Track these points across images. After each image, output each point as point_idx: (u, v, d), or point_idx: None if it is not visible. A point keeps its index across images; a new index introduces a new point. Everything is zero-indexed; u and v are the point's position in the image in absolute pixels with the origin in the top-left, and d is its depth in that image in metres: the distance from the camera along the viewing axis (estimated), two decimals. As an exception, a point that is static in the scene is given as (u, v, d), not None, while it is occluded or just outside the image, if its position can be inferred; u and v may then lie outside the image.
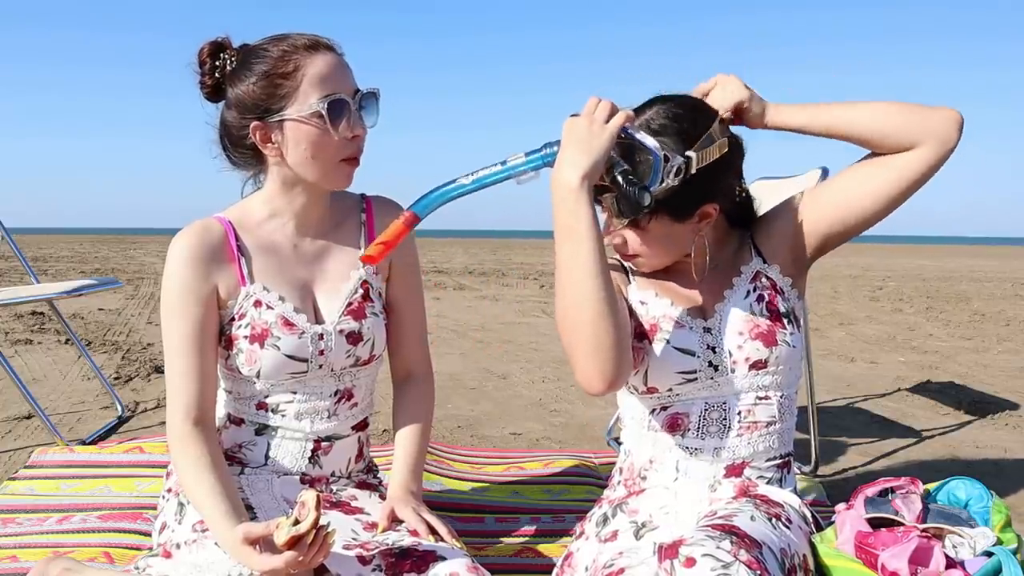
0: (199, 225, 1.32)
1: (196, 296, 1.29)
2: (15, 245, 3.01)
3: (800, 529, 1.18)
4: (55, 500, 1.97)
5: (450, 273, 11.73)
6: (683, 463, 1.29)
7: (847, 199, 1.26)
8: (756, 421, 1.27)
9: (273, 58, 1.26)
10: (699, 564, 0.94)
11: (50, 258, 14.11)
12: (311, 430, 1.38)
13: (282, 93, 1.25)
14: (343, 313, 1.37)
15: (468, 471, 2.26)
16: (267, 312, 1.32)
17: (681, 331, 1.27)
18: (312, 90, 1.24)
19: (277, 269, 1.35)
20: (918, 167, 1.20)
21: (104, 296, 7.10)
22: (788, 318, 1.29)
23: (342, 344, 1.36)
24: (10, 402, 3.04)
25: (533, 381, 3.79)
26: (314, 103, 1.24)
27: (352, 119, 1.27)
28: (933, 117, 1.19)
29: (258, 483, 1.34)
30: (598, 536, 1.27)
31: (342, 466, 1.43)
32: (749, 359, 1.25)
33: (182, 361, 1.28)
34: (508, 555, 1.70)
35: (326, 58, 1.26)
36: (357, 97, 1.28)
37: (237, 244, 1.33)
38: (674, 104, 1.21)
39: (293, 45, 1.26)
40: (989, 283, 11.21)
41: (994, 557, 1.04)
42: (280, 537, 1.05)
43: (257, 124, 1.27)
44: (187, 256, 1.29)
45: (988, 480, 1.30)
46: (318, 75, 1.25)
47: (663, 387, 1.27)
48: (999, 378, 4.03)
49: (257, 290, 1.33)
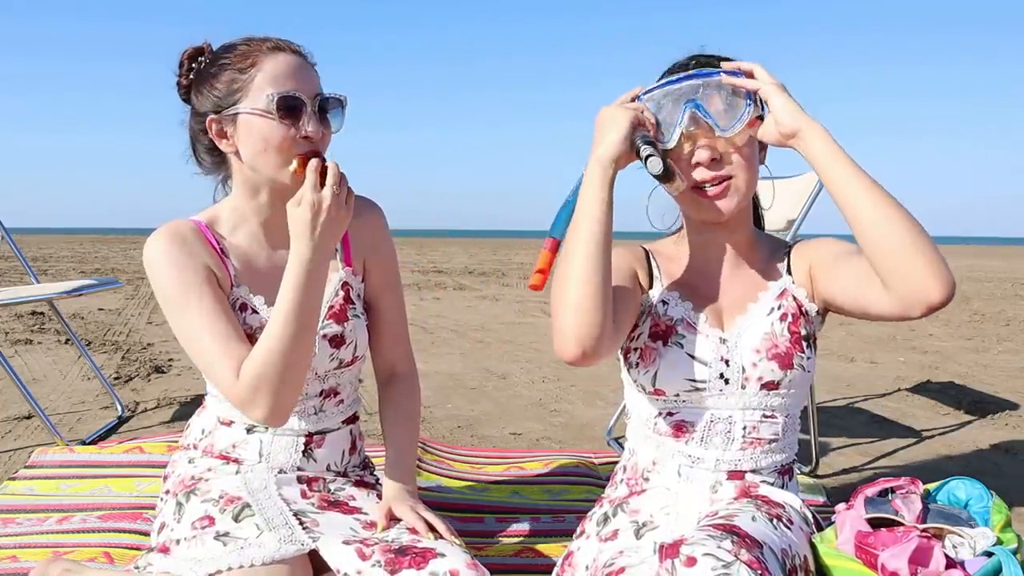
0: (169, 226, 1.30)
1: (198, 276, 1.26)
2: (15, 245, 3.01)
3: (801, 530, 1.18)
4: (55, 500, 1.97)
5: (450, 273, 11.73)
6: (685, 469, 1.28)
7: (842, 292, 1.21)
8: (760, 438, 1.27)
9: (234, 55, 1.27)
10: (700, 563, 0.94)
11: (50, 258, 14.11)
12: (300, 427, 1.39)
13: (236, 87, 1.26)
14: (325, 317, 1.37)
15: (468, 471, 2.26)
16: (252, 316, 1.32)
17: (697, 338, 1.26)
18: (266, 85, 1.25)
19: (257, 274, 1.35)
20: (877, 310, 1.13)
21: (104, 296, 7.10)
22: (808, 341, 1.27)
23: (325, 348, 1.36)
24: (10, 402, 3.04)
25: (533, 381, 3.79)
26: (264, 97, 1.24)
27: (306, 118, 1.26)
28: (919, 277, 1.05)
29: (255, 482, 1.34)
30: (598, 535, 1.27)
31: (336, 459, 1.43)
32: (762, 378, 1.24)
33: (217, 327, 1.23)
34: (508, 555, 1.70)
35: (287, 58, 1.27)
36: (316, 99, 1.28)
37: (219, 246, 1.33)
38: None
39: (257, 44, 1.28)
40: (989, 283, 11.20)
41: (994, 557, 1.04)
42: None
43: (213, 118, 1.28)
44: (174, 248, 1.27)
45: (988, 480, 1.30)
46: (273, 72, 1.26)
47: (670, 391, 1.27)
48: (999, 378, 4.03)
49: (243, 293, 1.33)
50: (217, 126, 1.29)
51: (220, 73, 1.28)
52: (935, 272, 1.04)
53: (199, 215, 1.36)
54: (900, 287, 1.06)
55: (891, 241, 1.06)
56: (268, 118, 1.25)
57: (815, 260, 1.28)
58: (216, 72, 1.28)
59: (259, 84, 1.25)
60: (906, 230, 1.05)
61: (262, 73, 1.25)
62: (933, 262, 1.05)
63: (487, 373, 3.98)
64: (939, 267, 1.05)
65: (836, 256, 1.25)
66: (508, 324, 5.98)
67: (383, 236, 1.48)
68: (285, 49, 1.28)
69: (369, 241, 1.46)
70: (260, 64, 1.26)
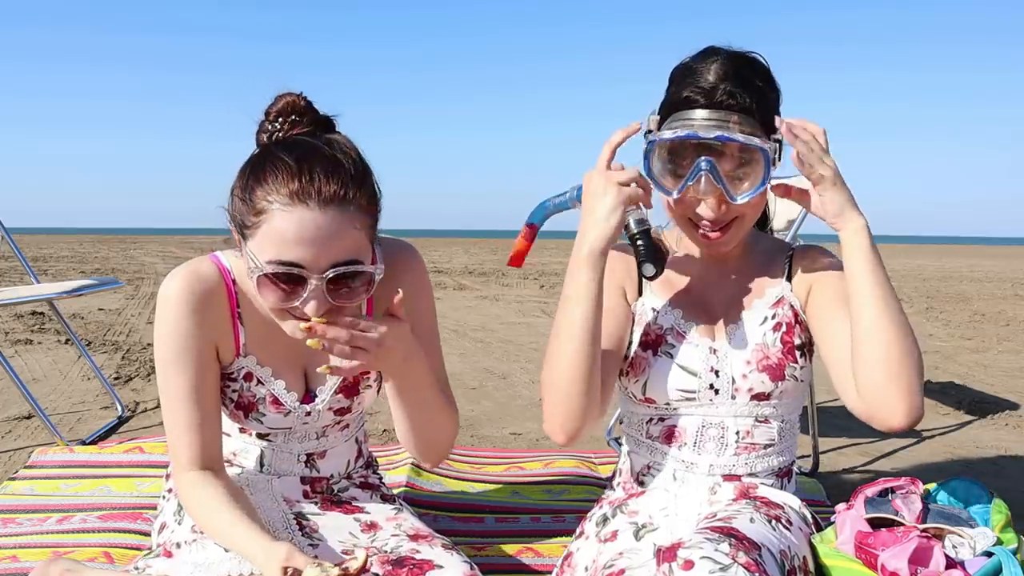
0: (198, 273, 1.20)
1: (197, 348, 1.19)
2: (15, 245, 3.01)
3: (800, 531, 1.18)
4: (55, 500, 1.97)
5: (450, 273, 11.72)
6: (680, 473, 1.28)
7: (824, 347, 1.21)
8: (754, 443, 1.25)
9: (260, 183, 1.08)
10: (697, 567, 0.93)
11: (50, 258, 14.10)
12: (302, 448, 1.36)
13: (249, 223, 1.09)
14: (335, 391, 1.31)
15: (468, 471, 2.26)
16: (257, 387, 1.27)
17: (687, 348, 1.24)
18: (268, 244, 1.06)
19: (273, 342, 1.25)
20: (843, 395, 1.18)
21: (104, 296, 7.09)
22: (802, 350, 1.25)
23: (329, 416, 1.33)
24: (10, 402, 3.04)
25: (533, 381, 3.79)
26: (263, 259, 1.07)
27: (307, 295, 1.07)
28: (891, 400, 1.09)
29: (258, 482, 1.34)
30: (598, 536, 1.27)
31: (341, 468, 1.41)
32: (752, 390, 1.23)
33: (185, 414, 1.19)
34: (508, 555, 1.70)
35: (302, 216, 1.05)
36: (326, 274, 1.06)
37: (238, 310, 1.24)
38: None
39: (281, 180, 1.06)
40: (989, 283, 11.20)
41: (994, 557, 1.04)
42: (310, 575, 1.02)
43: (234, 229, 1.15)
44: (185, 308, 1.18)
45: (988, 480, 1.30)
46: (280, 230, 1.05)
47: (660, 400, 1.26)
48: (999, 378, 4.03)
49: (250, 363, 1.26)
50: (238, 239, 1.14)
51: (242, 191, 1.10)
52: (906, 401, 1.08)
53: (234, 260, 1.24)
54: (870, 399, 1.11)
55: (878, 359, 1.09)
56: (266, 278, 1.08)
57: (816, 288, 1.25)
58: (246, 182, 1.10)
59: (264, 237, 1.06)
60: (896, 356, 1.08)
61: (268, 227, 1.06)
62: (909, 392, 1.08)
63: (487, 373, 3.98)
64: (912, 398, 1.09)
65: (836, 303, 1.20)
66: (508, 324, 5.98)
67: (416, 282, 1.31)
68: (307, 201, 1.05)
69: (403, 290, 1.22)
70: (270, 216, 1.06)
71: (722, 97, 1.13)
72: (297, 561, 1.04)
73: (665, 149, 1.17)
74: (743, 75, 1.14)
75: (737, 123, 1.12)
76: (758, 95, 1.14)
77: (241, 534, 1.11)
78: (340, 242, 1.07)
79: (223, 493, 1.17)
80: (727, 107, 1.13)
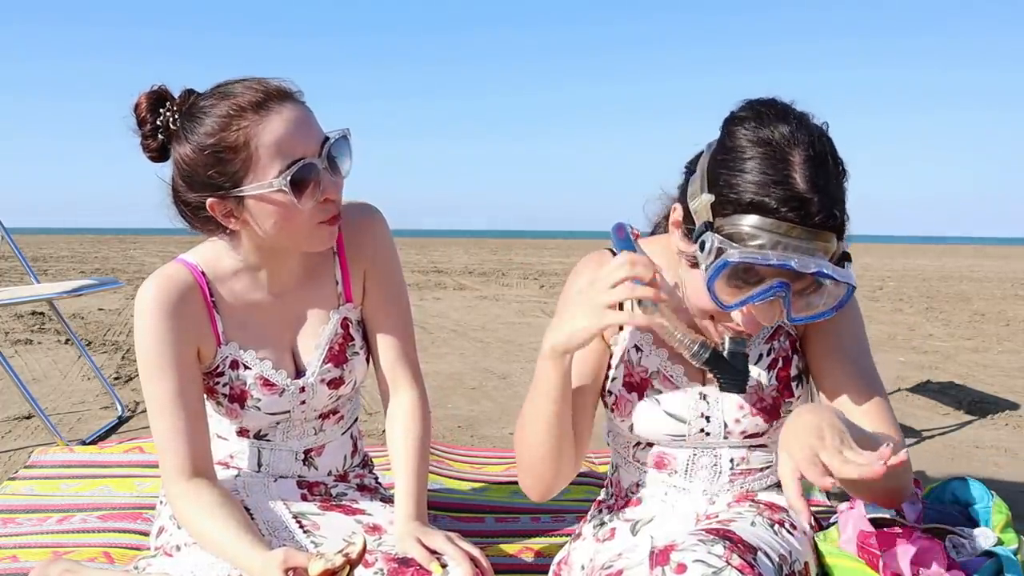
0: (169, 276, 1.21)
1: (176, 354, 1.19)
2: (15, 245, 3.01)
3: (804, 535, 1.15)
4: (55, 500, 1.97)
5: (450, 273, 11.72)
6: (672, 494, 1.23)
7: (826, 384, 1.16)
8: (750, 468, 1.22)
9: (218, 124, 1.10)
10: (690, 570, 0.92)
11: (50, 258, 14.11)
12: (300, 445, 1.37)
13: (235, 168, 1.11)
14: (324, 361, 1.31)
15: (468, 471, 2.26)
16: (245, 372, 1.27)
17: (674, 393, 1.17)
18: (270, 162, 1.10)
19: (253, 324, 1.28)
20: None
21: (104, 296, 7.09)
22: (798, 380, 1.18)
23: (324, 391, 1.33)
24: (10, 402, 3.04)
25: (533, 381, 3.79)
26: (275, 179, 1.10)
27: (322, 182, 1.13)
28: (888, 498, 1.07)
29: (254, 485, 1.34)
30: (595, 536, 1.26)
31: (338, 464, 1.42)
32: (745, 432, 1.17)
33: (170, 421, 1.19)
34: (508, 555, 1.70)
35: (280, 117, 1.10)
36: (325, 150, 1.13)
37: (212, 300, 1.24)
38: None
39: (239, 105, 1.09)
40: (989, 283, 11.20)
41: (995, 557, 1.04)
42: (315, 568, 1.01)
43: (213, 201, 1.14)
44: (161, 313, 1.18)
45: (988, 480, 1.29)
46: (274, 142, 1.09)
47: (648, 438, 1.22)
48: (999, 378, 4.03)
49: (232, 351, 1.27)
50: (222, 207, 1.15)
51: (205, 148, 1.11)
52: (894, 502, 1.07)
53: (198, 254, 1.26)
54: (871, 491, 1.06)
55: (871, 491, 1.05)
56: (281, 200, 1.11)
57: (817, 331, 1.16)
58: (199, 143, 1.11)
59: (263, 163, 1.10)
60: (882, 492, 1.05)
61: (262, 147, 1.09)
62: (897, 494, 1.07)
63: (487, 373, 3.97)
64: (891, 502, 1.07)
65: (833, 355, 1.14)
66: (508, 324, 5.98)
67: (381, 244, 1.34)
68: (272, 102, 1.10)
69: (369, 253, 1.33)
70: (254, 136, 1.09)
71: (818, 216, 0.92)
72: (297, 560, 1.04)
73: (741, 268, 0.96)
74: (831, 176, 0.94)
75: (831, 249, 0.94)
76: (844, 205, 0.96)
77: (238, 547, 1.12)
78: (312, 116, 1.16)
79: (216, 505, 1.17)
80: (821, 226, 0.93)
